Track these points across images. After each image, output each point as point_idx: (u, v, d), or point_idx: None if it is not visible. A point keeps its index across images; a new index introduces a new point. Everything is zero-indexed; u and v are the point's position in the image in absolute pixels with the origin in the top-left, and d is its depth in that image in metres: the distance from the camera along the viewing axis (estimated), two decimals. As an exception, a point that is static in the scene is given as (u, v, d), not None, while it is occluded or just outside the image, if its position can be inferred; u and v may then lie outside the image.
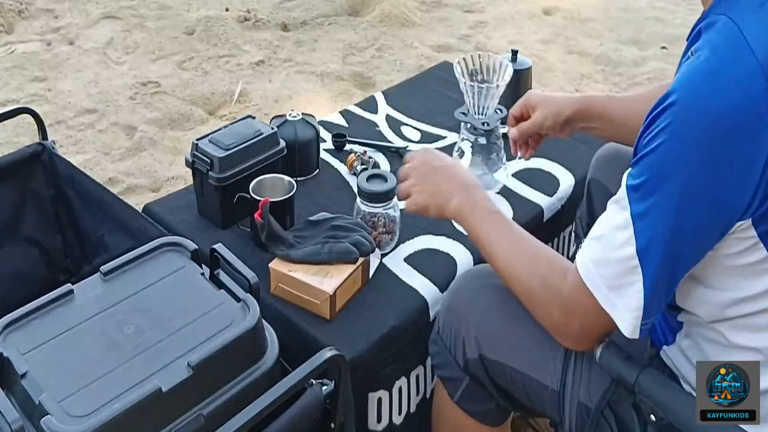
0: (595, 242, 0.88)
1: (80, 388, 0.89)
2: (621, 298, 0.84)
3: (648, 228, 0.80)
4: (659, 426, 0.91)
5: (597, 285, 0.86)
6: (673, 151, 0.78)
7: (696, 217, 0.79)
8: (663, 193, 0.79)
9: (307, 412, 0.93)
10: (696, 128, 0.76)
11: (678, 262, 0.82)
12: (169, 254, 1.09)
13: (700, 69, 0.77)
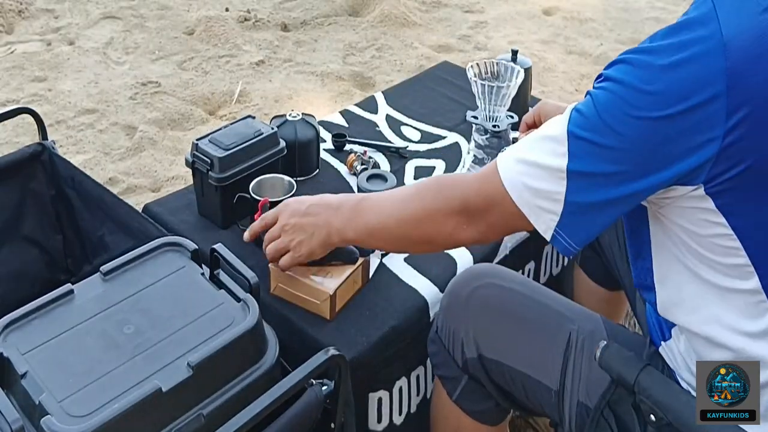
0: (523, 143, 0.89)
1: (80, 388, 0.89)
2: (538, 199, 0.85)
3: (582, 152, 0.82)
4: (659, 426, 0.91)
5: (515, 183, 0.87)
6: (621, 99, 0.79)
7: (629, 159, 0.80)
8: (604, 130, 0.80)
9: (307, 412, 0.93)
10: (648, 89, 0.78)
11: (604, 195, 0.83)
12: (169, 254, 1.09)
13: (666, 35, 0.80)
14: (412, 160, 1.58)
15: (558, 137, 0.84)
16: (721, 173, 0.77)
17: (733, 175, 0.77)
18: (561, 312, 1.08)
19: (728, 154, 0.76)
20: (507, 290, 1.11)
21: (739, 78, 0.74)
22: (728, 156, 0.76)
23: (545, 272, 1.55)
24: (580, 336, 1.04)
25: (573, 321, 1.07)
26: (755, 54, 0.74)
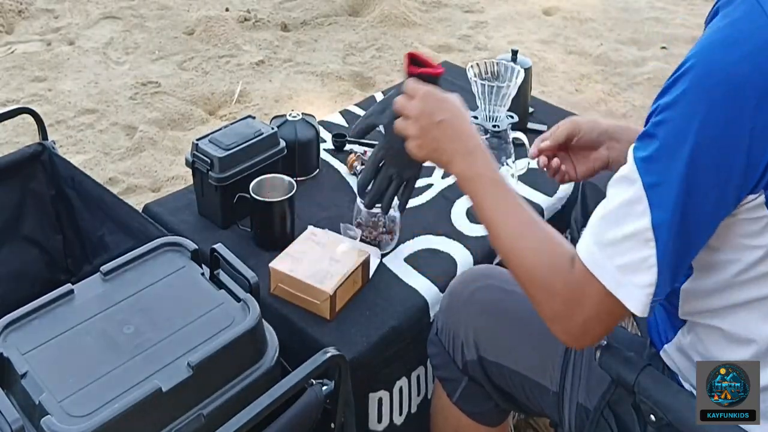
0: (598, 224, 0.83)
1: (80, 388, 0.89)
2: (631, 275, 0.79)
3: (663, 198, 0.76)
4: (659, 426, 0.91)
5: (603, 268, 0.81)
6: (687, 116, 0.75)
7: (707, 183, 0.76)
8: (677, 159, 0.76)
9: (307, 412, 0.93)
10: (711, 93, 0.74)
11: (691, 232, 0.78)
12: (169, 254, 1.09)
13: (717, 38, 0.76)
14: (412, 160, 1.58)
15: (633, 198, 0.79)
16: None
17: None
18: None
19: None
20: (507, 292, 1.11)
21: None
22: None
23: (545, 272, 1.55)
24: None
25: None
26: None
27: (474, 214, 1.41)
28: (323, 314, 1.16)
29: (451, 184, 1.51)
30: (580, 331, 0.87)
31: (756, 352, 0.86)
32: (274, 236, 1.31)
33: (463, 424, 1.17)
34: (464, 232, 1.37)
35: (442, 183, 1.51)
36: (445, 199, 1.46)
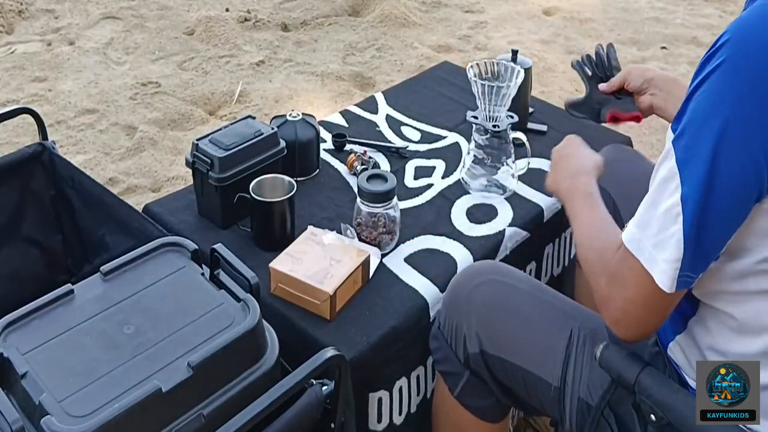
0: (642, 206, 0.85)
1: (80, 388, 0.89)
2: (663, 252, 0.81)
3: (692, 172, 0.78)
4: (659, 426, 0.91)
5: (641, 246, 0.83)
6: (719, 91, 0.76)
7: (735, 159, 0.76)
8: (707, 133, 0.77)
9: (307, 412, 0.93)
10: (747, 66, 0.75)
11: (716, 209, 0.78)
12: (169, 254, 1.09)
13: (755, 12, 0.76)
14: (412, 160, 1.58)
15: (668, 174, 0.80)
16: None
17: None
18: (563, 309, 1.09)
19: None
20: (509, 287, 1.11)
21: None
22: None
23: (546, 273, 1.55)
24: (581, 333, 1.05)
25: (575, 318, 1.07)
26: None
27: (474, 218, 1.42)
28: (323, 314, 1.16)
29: (451, 184, 1.51)
30: (621, 314, 0.88)
31: (763, 347, 0.85)
32: (274, 236, 1.31)
33: (464, 419, 1.17)
34: (464, 232, 1.37)
35: (442, 183, 1.51)
36: (445, 199, 1.47)
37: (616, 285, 0.87)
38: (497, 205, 1.44)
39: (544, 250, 1.52)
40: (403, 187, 1.49)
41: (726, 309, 0.88)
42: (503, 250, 1.38)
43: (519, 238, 1.40)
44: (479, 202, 1.45)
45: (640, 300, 0.85)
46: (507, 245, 1.38)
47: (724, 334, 0.89)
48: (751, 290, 0.85)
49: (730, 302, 0.88)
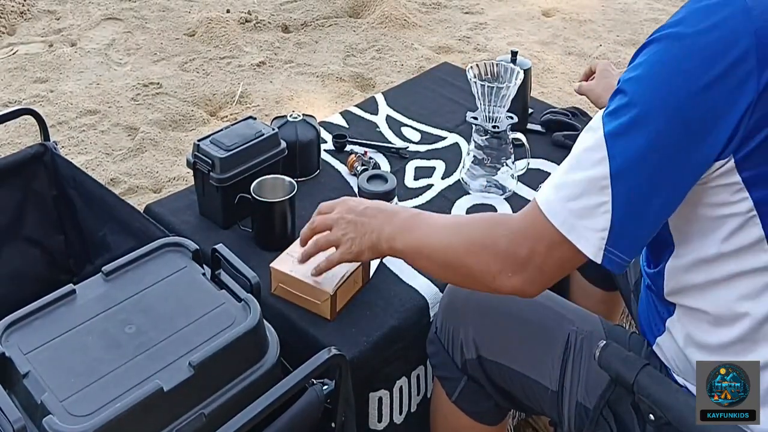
0: (558, 170, 0.85)
1: (82, 388, 0.89)
2: (584, 219, 0.81)
3: (624, 149, 0.78)
4: (658, 425, 0.91)
5: (556, 210, 0.83)
6: (657, 77, 0.78)
7: (673, 143, 0.78)
8: (644, 116, 0.78)
9: (307, 411, 0.93)
10: (685, 57, 0.76)
11: (652, 189, 0.79)
12: (170, 254, 1.10)
13: (692, 8, 0.78)
14: (413, 161, 1.59)
15: (593, 145, 0.81)
16: (749, 137, 0.77)
17: (760, 140, 0.77)
18: (560, 313, 1.09)
19: (756, 116, 0.76)
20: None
21: (765, 39, 0.74)
22: (756, 117, 0.76)
23: (545, 273, 1.55)
24: (579, 336, 1.05)
25: (572, 322, 1.07)
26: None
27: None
28: (324, 314, 1.16)
29: (451, 184, 1.51)
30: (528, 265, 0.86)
31: (740, 334, 0.86)
32: (275, 236, 1.31)
33: (462, 423, 1.17)
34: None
35: (442, 183, 1.51)
36: (445, 199, 1.47)
37: (523, 239, 0.86)
38: (497, 206, 1.45)
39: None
40: (403, 187, 1.49)
41: (698, 306, 0.89)
42: (503, 250, 1.38)
43: (519, 239, 1.40)
44: (479, 203, 1.45)
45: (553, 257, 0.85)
46: (507, 246, 1.38)
47: (702, 327, 0.90)
48: (716, 278, 0.86)
49: (700, 297, 0.89)
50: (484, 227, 0.93)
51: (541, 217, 0.84)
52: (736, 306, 0.86)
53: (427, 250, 0.98)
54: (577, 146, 0.84)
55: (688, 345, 0.93)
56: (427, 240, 0.98)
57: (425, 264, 1.01)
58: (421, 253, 0.99)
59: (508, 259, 0.88)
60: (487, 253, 0.90)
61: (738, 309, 0.85)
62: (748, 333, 0.86)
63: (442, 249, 0.96)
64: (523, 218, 0.88)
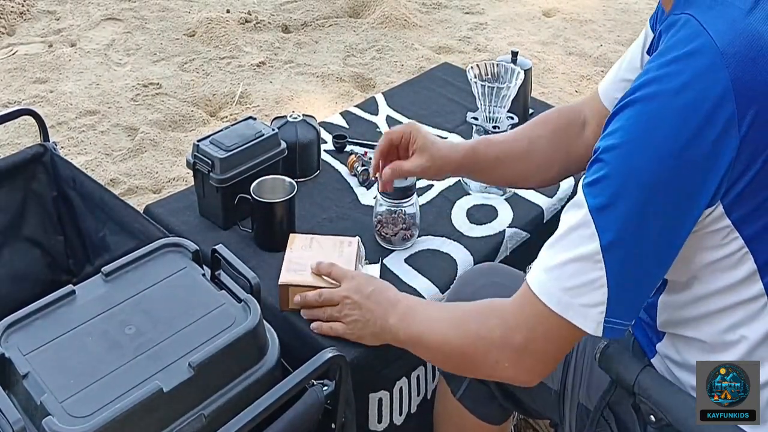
0: (546, 251, 0.84)
1: (82, 389, 0.89)
2: (579, 297, 0.80)
3: (612, 221, 0.77)
4: (659, 427, 0.91)
5: (549, 291, 0.81)
6: (636, 144, 0.76)
7: (662, 207, 0.77)
8: (627, 185, 0.77)
9: (307, 412, 0.93)
10: (661, 121, 0.75)
11: (646, 255, 0.79)
12: (170, 255, 1.10)
13: (662, 63, 0.77)
14: (413, 161, 1.58)
15: (580, 222, 0.79)
16: (735, 182, 0.77)
17: (746, 183, 0.77)
18: None
19: (742, 161, 0.76)
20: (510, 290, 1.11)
21: (742, 83, 0.74)
22: (742, 162, 0.76)
23: (545, 273, 1.55)
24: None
25: None
26: (752, 57, 0.75)
27: (474, 218, 1.42)
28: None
29: (451, 184, 1.51)
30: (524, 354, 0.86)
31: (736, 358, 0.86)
32: (275, 237, 1.31)
33: (466, 421, 1.17)
34: (464, 232, 1.38)
35: (442, 184, 1.51)
36: (446, 199, 1.47)
37: (516, 329, 0.85)
38: (497, 206, 1.45)
39: (545, 250, 1.52)
40: (404, 188, 1.49)
41: (691, 335, 0.89)
42: (503, 250, 1.38)
43: (519, 239, 1.41)
44: (479, 203, 1.45)
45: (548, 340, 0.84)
46: (507, 246, 1.38)
47: (695, 354, 0.90)
48: (711, 311, 0.86)
49: (694, 327, 0.88)
50: (480, 317, 0.92)
51: (534, 300, 0.83)
52: (730, 334, 0.85)
53: (427, 343, 0.98)
54: (564, 224, 0.83)
55: (681, 369, 0.93)
56: (429, 334, 0.98)
57: (427, 356, 1.02)
58: (422, 345, 1.00)
59: (504, 349, 0.87)
60: (483, 344, 0.89)
61: (733, 336, 0.85)
62: (744, 356, 0.85)
63: (441, 342, 0.96)
64: (516, 304, 0.87)
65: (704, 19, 0.77)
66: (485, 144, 1.23)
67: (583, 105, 1.24)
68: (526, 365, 0.87)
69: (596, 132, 1.15)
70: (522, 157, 1.21)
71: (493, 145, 1.23)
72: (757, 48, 0.75)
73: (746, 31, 0.76)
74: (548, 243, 0.84)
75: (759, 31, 0.76)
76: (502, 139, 1.24)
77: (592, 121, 1.19)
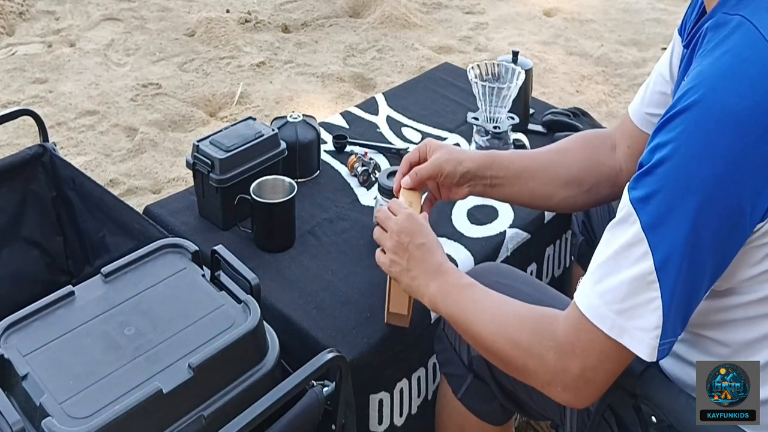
0: (596, 271, 0.80)
1: (81, 390, 0.89)
2: (634, 320, 0.76)
3: (666, 238, 0.74)
4: (660, 428, 0.91)
5: (602, 315, 0.78)
6: (690, 157, 0.73)
7: (716, 222, 0.73)
8: (681, 200, 0.73)
9: (307, 413, 0.93)
10: (717, 132, 0.72)
11: (699, 273, 0.76)
12: (170, 256, 1.10)
13: (718, 70, 0.74)
14: (413, 162, 1.58)
15: (632, 240, 0.76)
16: None
17: None
18: None
19: None
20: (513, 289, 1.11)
21: None
22: None
23: (547, 274, 1.55)
24: None
25: None
26: None
27: (475, 219, 1.41)
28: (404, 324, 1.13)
29: (451, 185, 1.51)
30: (579, 383, 0.83)
31: None
32: (275, 237, 1.31)
33: (467, 421, 1.17)
34: (465, 233, 1.37)
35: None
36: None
37: (571, 357, 0.82)
38: (498, 207, 1.44)
39: (545, 251, 1.52)
40: (404, 188, 1.49)
41: (715, 337, 0.88)
42: (504, 251, 1.38)
43: (520, 240, 1.40)
44: (480, 203, 1.45)
45: (606, 367, 0.82)
46: (508, 246, 1.38)
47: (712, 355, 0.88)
48: (742, 317, 0.84)
49: (721, 330, 0.87)
50: (531, 331, 0.87)
51: (588, 325, 0.79)
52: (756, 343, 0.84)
53: (470, 331, 0.95)
54: (613, 241, 0.79)
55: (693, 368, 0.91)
56: (474, 324, 0.94)
57: (467, 338, 0.98)
58: (463, 329, 0.96)
59: (557, 375, 0.84)
60: (534, 362, 0.86)
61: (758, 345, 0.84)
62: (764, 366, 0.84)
63: (487, 339, 0.92)
64: (569, 328, 0.83)
65: (760, 23, 0.74)
66: (508, 153, 1.19)
67: (610, 129, 1.21)
68: (580, 392, 0.84)
69: (626, 154, 1.13)
70: (549, 167, 1.14)
71: (517, 155, 1.18)
72: None
73: None
74: (597, 262, 0.81)
75: None
76: (526, 152, 1.19)
77: (622, 144, 1.15)
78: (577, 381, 0.83)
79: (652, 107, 1.09)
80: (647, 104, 1.10)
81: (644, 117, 1.10)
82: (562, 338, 0.83)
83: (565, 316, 0.85)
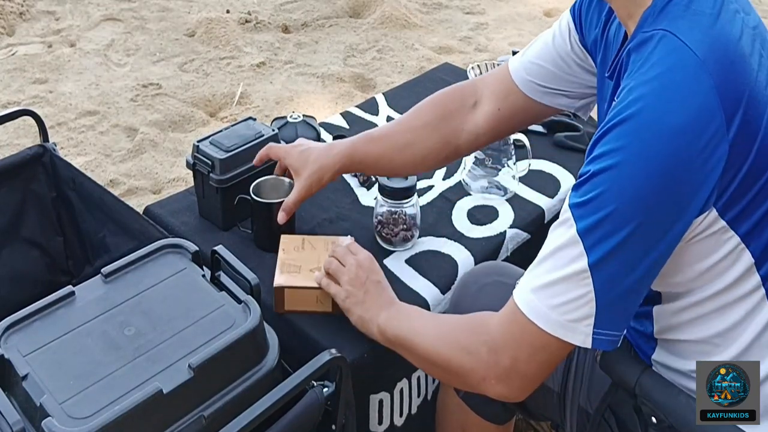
0: (534, 268, 0.84)
1: (81, 390, 0.89)
2: (567, 314, 0.80)
3: (600, 242, 0.77)
4: (661, 428, 0.91)
5: (536, 309, 0.82)
6: (626, 165, 0.75)
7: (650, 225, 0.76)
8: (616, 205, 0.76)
9: (308, 413, 0.93)
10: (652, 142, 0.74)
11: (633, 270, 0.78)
12: (170, 256, 1.10)
13: (648, 83, 0.76)
14: (413, 162, 1.58)
15: (568, 242, 0.79)
16: (728, 186, 0.77)
17: (738, 183, 0.77)
18: None
19: (732, 164, 0.76)
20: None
21: (725, 88, 0.74)
22: (732, 166, 0.76)
23: (546, 273, 1.55)
24: None
25: None
26: (729, 60, 0.75)
27: (475, 219, 1.42)
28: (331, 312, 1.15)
29: (452, 185, 1.51)
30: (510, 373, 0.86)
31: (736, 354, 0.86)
32: (275, 238, 1.30)
33: (469, 420, 1.17)
34: (465, 233, 1.37)
35: (443, 184, 1.51)
36: (446, 200, 1.47)
37: (503, 349, 0.86)
38: (498, 207, 1.45)
39: (545, 251, 1.52)
40: (404, 188, 1.49)
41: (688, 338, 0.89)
42: (504, 251, 1.38)
43: (520, 240, 1.40)
44: (480, 204, 1.45)
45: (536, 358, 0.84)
46: (508, 247, 1.38)
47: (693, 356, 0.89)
48: (708, 311, 0.86)
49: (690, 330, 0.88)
50: (468, 333, 0.92)
51: (522, 319, 0.83)
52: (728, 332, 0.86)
53: (414, 348, 0.98)
54: (551, 242, 0.82)
55: (679, 376, 0.92)
56: (417, 339, 0.98)
57: (413, 359, 1.02)
58: (408, 348, 1.00)
59: (491, 368, 0.87)
60: (470, 360, 0.89)
61: (730, 333, 0.85)
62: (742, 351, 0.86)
63: (428, 350, 0.96)
64: (504, 322, 0.87)
65: (679, 32, 0.77)
66: (365, 141, 1.25)
67: (479, 83, 1.24)
68: (513, 384, 0.87)
69: (492, 116, 1.19)
70: (404, 149, 1.22)
71: (373, 141, 1.24)
72: (732, 50, 0.76)
73: (719, 36, 0.76)
74: (535, 261, 0.84)
75: (730, 33, 0.77)
76: (383, 133, 1.25)
77: (491, 105, 1.19)
78: (509, 372, 0.86)
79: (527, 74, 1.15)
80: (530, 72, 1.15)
81: (526, 81, 1.15)
82: (495, 332, 0.87)
83: (501, 312, 0.88)
